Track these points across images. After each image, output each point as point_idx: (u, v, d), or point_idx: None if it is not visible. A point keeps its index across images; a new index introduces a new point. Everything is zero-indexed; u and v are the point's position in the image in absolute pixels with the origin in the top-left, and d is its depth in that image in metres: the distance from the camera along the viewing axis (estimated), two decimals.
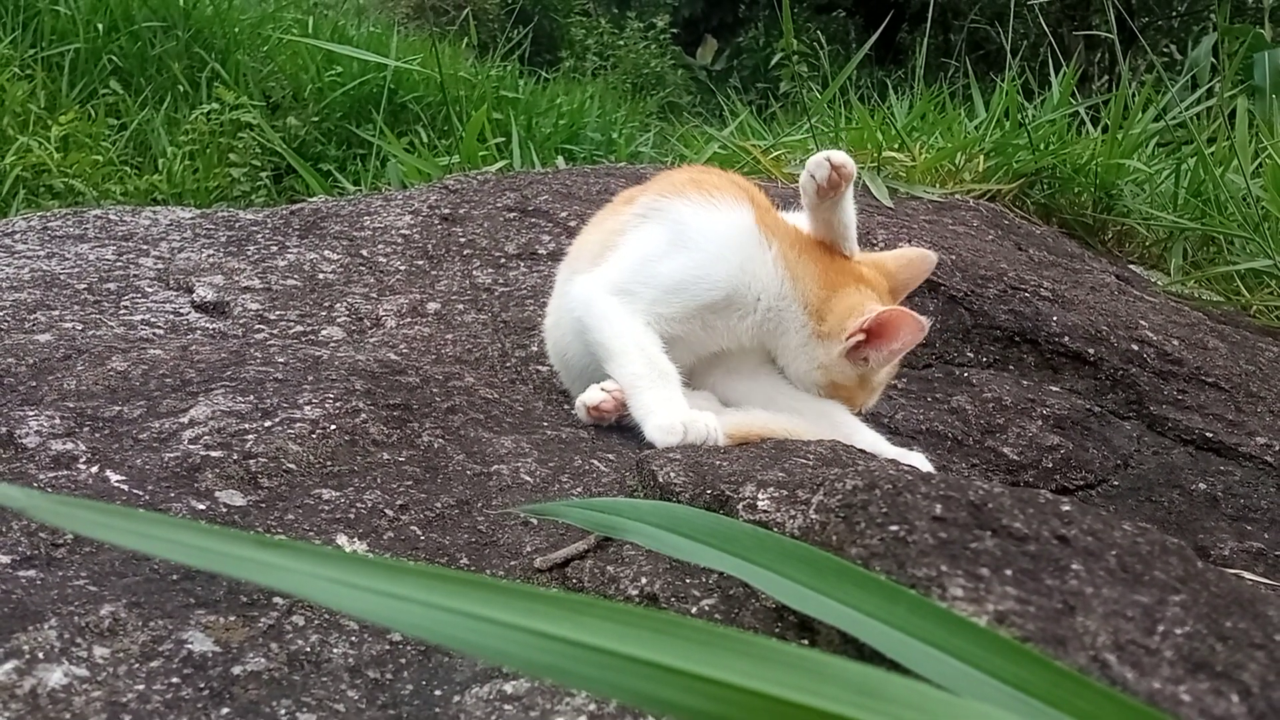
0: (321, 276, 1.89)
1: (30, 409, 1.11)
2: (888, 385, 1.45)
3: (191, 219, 2.13)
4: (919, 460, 1.27)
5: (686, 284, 1.27)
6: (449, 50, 5.35)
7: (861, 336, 1.25)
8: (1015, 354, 1.85)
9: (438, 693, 0.75)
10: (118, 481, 0.97)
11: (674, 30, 9.14)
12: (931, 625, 0.48)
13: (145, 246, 1.92)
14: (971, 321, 1.88)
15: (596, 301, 1.29)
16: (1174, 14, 8.07)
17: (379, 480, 1.06)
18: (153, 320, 1.58)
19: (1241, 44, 3.83)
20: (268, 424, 1.11)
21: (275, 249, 1.99)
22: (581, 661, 0.37)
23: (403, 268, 1.98)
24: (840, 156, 1.27)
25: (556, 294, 1.49)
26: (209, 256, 1.91)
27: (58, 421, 1.08)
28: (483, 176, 2.54)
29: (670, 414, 1.21)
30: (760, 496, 0.93)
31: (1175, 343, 1.93)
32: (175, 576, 0.83)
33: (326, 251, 2.01)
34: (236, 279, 1.81)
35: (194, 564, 0.38)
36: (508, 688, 0.74)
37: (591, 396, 1.31)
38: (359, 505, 1.01)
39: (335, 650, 0.78)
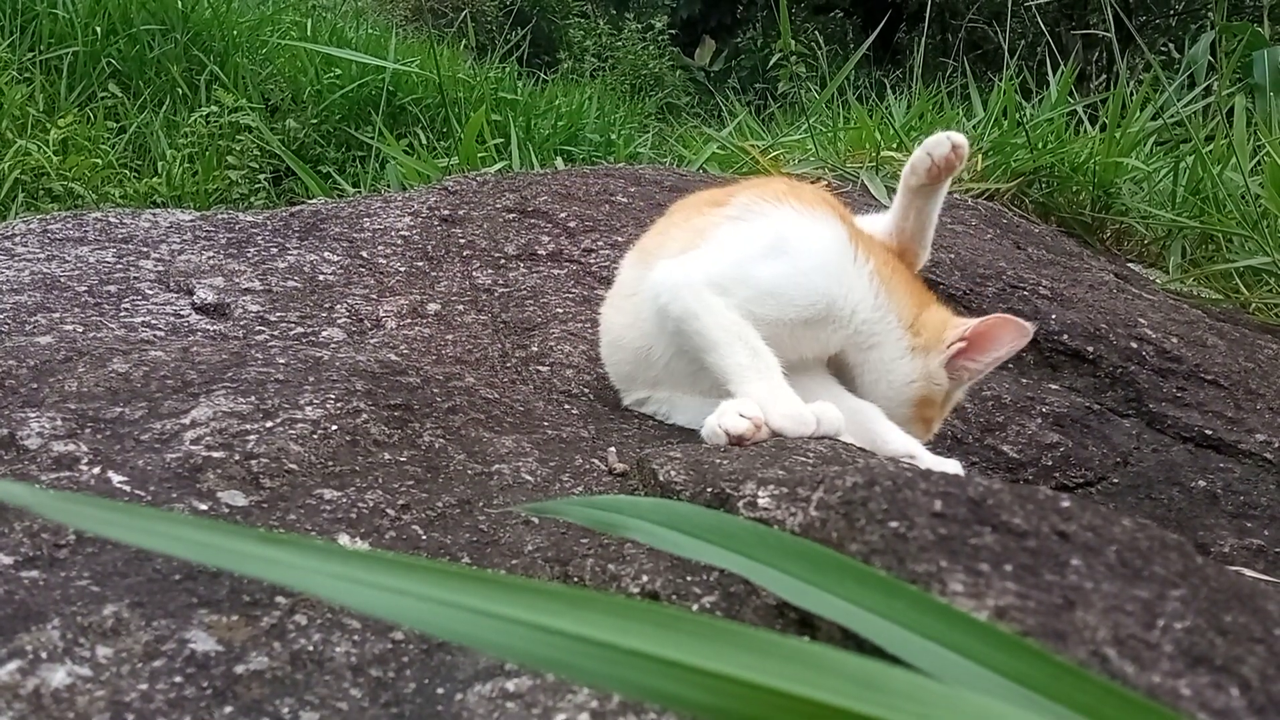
0: (321, 278, 1.89)
1: (32, 410, 1.11)
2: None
3: (191, 221, 2.13)
4: (954, 467, 1.21)
5: (785, 289, 1.24)
6: (447, 52, 5.35)
7: (962, 344, 1.25)
8: None
9: (440, 691, 0.75)
10: (120, 482, 0.98)
11: (672, 31, 9.14)
12: (931, 620, 0.48)
13: (145, 249, 1.93)
14: None
15: (690, 290, 1.23)
16: (1171, 13, 8.08)
17: (380, 480, 1.06)
18: (153, 322, 1.58)
19: (1240, 42, 3.83)
20: (269, 425, 1.11)
21: (275, 251, 1.99)
22: (584, 655, 0.37)
23: (402, 269, 1.98)
24: (960, 137, 1.30)
25: (627, 293, 1.41)
26: (209, 258, 1.91)
27: (59, 423, 1.08)
28: (482, 178, 2.54)
29: (794, 403, 1.16)
30: (761, 494, 0.93)
31: (1174, 340, 1.93)
32: (178, 576, 0.83)
33: (326, 253, 2.01)
34: (237, 281, 1.81)
35: (197, 559, 0.38)
36: (510, 685, 0.74)
37: (735, 425, 1.14)
38: (360, 505, 1.01)
39: (338, 649, 0.78)
